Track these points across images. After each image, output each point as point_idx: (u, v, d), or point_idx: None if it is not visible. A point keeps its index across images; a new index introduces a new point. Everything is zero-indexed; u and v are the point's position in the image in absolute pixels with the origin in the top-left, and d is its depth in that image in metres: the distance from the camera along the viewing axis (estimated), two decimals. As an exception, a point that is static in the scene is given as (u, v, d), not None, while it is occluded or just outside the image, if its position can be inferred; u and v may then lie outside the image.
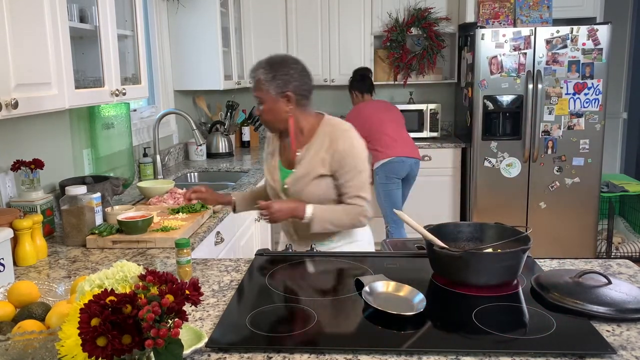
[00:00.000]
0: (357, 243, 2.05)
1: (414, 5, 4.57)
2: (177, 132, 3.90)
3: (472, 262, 1.43)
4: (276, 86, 1.87)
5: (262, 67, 1.88)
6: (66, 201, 1.92)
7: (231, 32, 4.15)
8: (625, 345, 1.15)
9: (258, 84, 1.89)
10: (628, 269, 1.62)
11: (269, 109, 1.90)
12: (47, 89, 1.70)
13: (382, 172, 3.83)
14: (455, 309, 1.36)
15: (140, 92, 2.43)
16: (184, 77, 3.83)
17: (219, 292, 1.49)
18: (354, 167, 1.90)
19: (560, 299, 1.32)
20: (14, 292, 1.22)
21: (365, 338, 1.20)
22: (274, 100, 1.88)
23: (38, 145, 2.22)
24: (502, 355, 1.11)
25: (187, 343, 1.12)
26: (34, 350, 1.02)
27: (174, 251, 1.63)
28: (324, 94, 5.04)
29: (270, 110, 1.90)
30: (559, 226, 4.20)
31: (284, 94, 1.88)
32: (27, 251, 1.75)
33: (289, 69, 1.88)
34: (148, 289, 0.88)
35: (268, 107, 1.90)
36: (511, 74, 4.04)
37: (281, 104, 1.89)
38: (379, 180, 3.86)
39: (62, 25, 1.78)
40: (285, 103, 1.89)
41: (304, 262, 1.72)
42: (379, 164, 3.83)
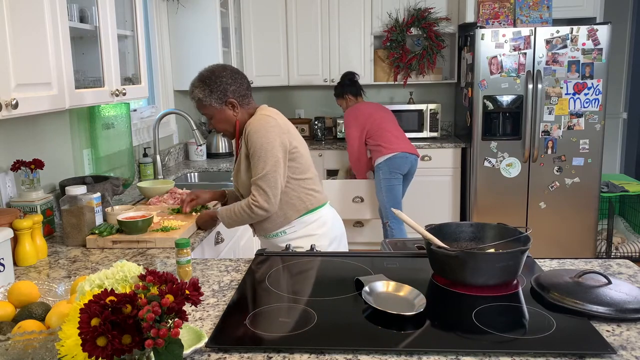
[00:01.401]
0: (315, 237, 2.08)
1: (414, 5, 4.57)
2: (177, 132, 3.90)
3: (469, 261, 1.43)
4: (217, 98, 1.98)
5: (196, 87, 1.99)
6: (66, 201, 1.92)
7: (231, 32, 4.15)
8: (625, 345, 1.15)
9: (200, 102, 2.00)
10: (628, 269, 1.62)
11: (219, 120, 2.02)
12: (47, 89, 1.70)
13: (386, 167, 3.84)
14: (455, 309, 1.36)
15: (140, 92, 2.44)
16: (184, 77, 3.83)
17: (219, 292, 1.49)
18: (254, 151, 1.95)
19: (560, 299, 1.32)
20: (14, 292, 1.22)
21: (365, 338, 1.20)
22: (220, 111, 2.00)
23: (38, 145, 2.22)
24: (502, 355, 1.11)
25: (187, 343, 1.12)
26: (34, 350, 1.02)
27: (174, 251, 1.63)
28: (324, 94, 5.04)
29: (221, 121, 2.02)
30: (559, 226, 4.20)
31: (227, 102, 1.99)
32: (27, 251, 1.75)
33: (220, 77, 1.97)
34: (148, 289, 0.88)
35: (218, 119, 2.02)
36: (511, 74, 4.04)
37: (228, 111, 2.01)
38: (382, 176, 3.86)
39: (62, 25, 1.78)
40: (231, 109, 2.00)
41: (304, 262, 1.72)
42: (383, 159, 3.84)
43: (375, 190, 3.94)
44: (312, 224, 2.07)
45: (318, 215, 2.08)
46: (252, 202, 1.94)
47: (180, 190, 2.50)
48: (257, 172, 1.93)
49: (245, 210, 1.97)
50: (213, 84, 1.97)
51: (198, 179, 3.66)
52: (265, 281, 1.54)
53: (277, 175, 1.93)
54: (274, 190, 1.93)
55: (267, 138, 1.93)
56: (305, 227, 2.06)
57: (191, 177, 3.64)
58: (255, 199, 1.94)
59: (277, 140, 1.94)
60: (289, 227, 2.05)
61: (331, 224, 2.13)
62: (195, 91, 1.99)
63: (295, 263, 1.70)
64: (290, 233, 2.06)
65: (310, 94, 5.08)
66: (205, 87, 1.97)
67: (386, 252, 2.01)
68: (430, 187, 4.42)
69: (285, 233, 2.06)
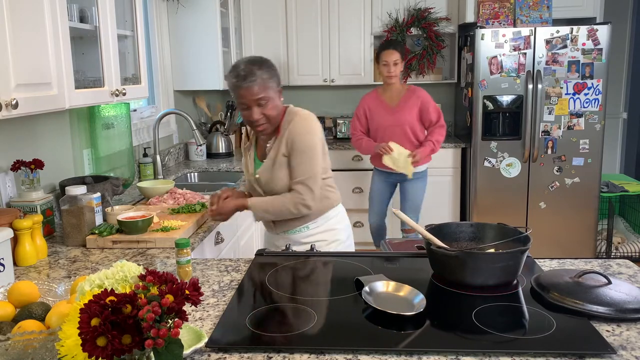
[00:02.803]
0: (335, 231, 2.10)
1: (413, 6, 4.57)
2: (177, 132, 3.90)
3: (468, 262, 1.43)
4: (276, 83, 1.94)
5: (257, 67, 1.89)
6: (66, 201, 1.92)
7: (231, 32, 4.15)
8: (625, 345, 1.15)
9: (263, 83, 1.89)
10: (628, 269, 1.62)
11: (274, 106, 1.94)
12: (47, 89, 1.70)
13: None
14: (455, 309, 1.36)
15: (140, 92, 2.44)
16: (184, 77, 3.83)
17: (219, 292, 1.49)
18: (302, 151, 1.94)
19: (560, 299, 1.32)
20: (14, 292, 1.22)
21: (365, 338, 1.20)
22: (276, 97, 1.95)
23: (38, 145, 2.22)
24: (502, 355, 1.11)
25: (187, 343, 1.12)
26: (34, 350, 1.02)
27: (174, 251, 1.63)
28: (324, 94, 5.04)
29: (274, 107, 1.95)
30: (559, 226, 4.20)
31: (279, 89, 1.97)
32: (27, 251, 1.75)
33: (272, 65, 1.96)
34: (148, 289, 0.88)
35: (273, 105, 1.94)
36: (511, 74, 4.04)
37: (279, 99, 1.97)
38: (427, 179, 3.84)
39: (62, 25, 1.78)
40: (280, 97, 1.98)
41: (303, 262, 1.72)
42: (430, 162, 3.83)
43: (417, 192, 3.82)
44: (333, 219, 2.11)
45: (338, 210, 2.14)
46: (300, 201, 1.94)
47: (180, 190, 2.50)
48: (306, 172, 1.94)
49: (287, 207, 1.95)
50: (272, 67, 1.93)
51: (198, 179, 3.66)
52: (265, 281, 1.54)
53: (320, 176, 1.99)
54: (318, 191, 1.98)
55: (317, 139, 1.98)
56: (327, 222, 2.09)
57: (191, 177, 3.64)
58: (303, 198, 1.94)
59: (321, 141, 2.01)
60: (313, 222, 2.07)
61: (347, 220, 2.21)
62: (258, 71, 1.88)
63: (295, 263, 1.70)
64: (313, 228, 2.07)
65: (310, 94, 5.08)
66: (267, 69, 1.91)
67: (386, 252, 2.01)
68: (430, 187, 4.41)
69: (308, 228, 2.07)
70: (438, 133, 3.59)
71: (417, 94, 3.58)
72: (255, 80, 1.87)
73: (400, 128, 3.57)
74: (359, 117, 3.67)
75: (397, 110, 3.57)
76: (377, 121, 3.60)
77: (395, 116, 3.57)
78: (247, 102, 1.90)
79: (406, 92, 3.60)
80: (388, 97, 3.62)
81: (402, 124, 3.56)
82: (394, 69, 3.52)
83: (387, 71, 3.54)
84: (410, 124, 3.57)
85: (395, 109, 3.57)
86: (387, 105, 3.60)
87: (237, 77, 1.88)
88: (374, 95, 3.66)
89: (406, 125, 3.56)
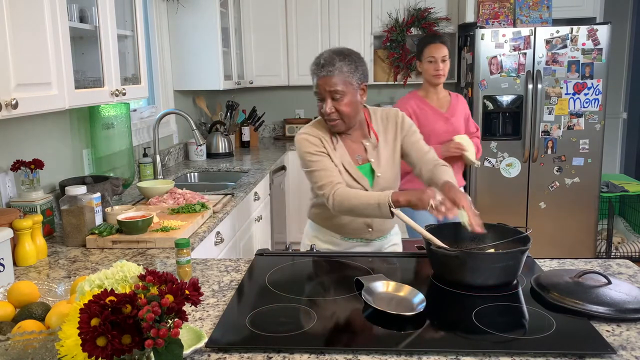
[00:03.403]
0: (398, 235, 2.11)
1: (413, 5, 4.57)
2: (177, 132, 3.90)
3: (468, 262, 1.43)
4: (358, 78, 1.83)
5: (341, 59, 1.80)
6: (66, 201, 1.92)
7: (231, 32, 4.15)
8: (625, 345, 1.15)
9: (342, 75, 1.79)
10: (628, 269, 1.62)
11: (349, 102, 1.82)
12: (47, 89, 1.70)
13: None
14: (455, 309, 1.36)
15: (140, 92, 2.44)
16: (184, 77, 3.83)
17: (219, 292, 1.49)
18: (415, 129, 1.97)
19: (560, 299, 1.32)
20: (14, 292, 1.22)
21: (365, 338, 1.20)
22: (354, 92, 1.84)
23: (38, 145, 2.22)
24: (502, 355, 1.11)
25: (187, 343, 1.12)
26: (34, 350, 1.02)
27: (174, 251, 1.63)
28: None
29: (350, 104, 1.83)
30: (559, 226, 4.20)
31: (362, 86, 1.85)
32: (27, 251, 1.75)
33: (362, 60, 1.86)
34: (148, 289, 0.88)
35: (349, 101, 1.82)
36: (511, 74, 4.04)
37: (358, 95, 1.85)
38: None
39: (62, 25, 1.78)
40: (361, 95, 1.87)
41: (303, 262, 1.72)
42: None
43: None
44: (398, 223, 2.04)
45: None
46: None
47: (180, 190, 2.50)
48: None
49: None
50: (359, 62, 1.83)
51: (198, 179, 3.66)
52: (265, 281, 1.54)
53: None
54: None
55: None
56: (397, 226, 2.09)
57: (191, 177, 3.64)
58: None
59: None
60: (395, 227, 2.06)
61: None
62: (340, 63, 1.78)
63: (295, 263, 1.70)
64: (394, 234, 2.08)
65: (310, 94, 5.04)
66: (352, 63, 1.80)
67: (386, 252, 2.01)
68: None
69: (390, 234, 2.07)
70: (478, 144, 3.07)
71: (461, 101, 3.02)
72: (333, 71, 1.78)
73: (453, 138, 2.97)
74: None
75: (450, 116, 2.93)
76: (429, 127, 2.86)
77: (449, 123, 2.92)
78: (321, 92, 1.81)
79: (451, 97, 3.00)
80: (435, 102, 2.95)
81: (457, 132, 2.94)
82: (442, 66, 2.86)
83: (435, 69, 2.86)
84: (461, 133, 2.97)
85: (446, 115, 2.92)
86: (436, 110, 2.92)
87: (317, 65, 1.80)
88: (417, 98, 2.96)
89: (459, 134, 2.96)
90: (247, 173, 3.43)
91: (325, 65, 1.78)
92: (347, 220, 1.95)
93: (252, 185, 3.04)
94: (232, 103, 4.35)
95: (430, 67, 2.87)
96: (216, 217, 2.30)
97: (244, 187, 2.96)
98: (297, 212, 4.55)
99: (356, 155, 1.93)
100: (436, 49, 2.86)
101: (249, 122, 4.64)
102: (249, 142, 4.64)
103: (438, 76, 2.86)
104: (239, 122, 4.57)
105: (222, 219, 2.33)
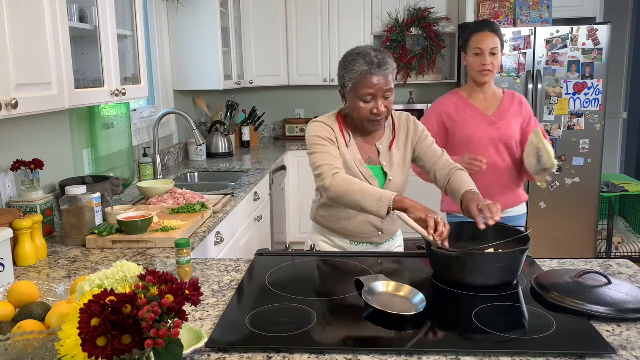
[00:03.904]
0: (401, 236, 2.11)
1: (414, 5, 4.57)
2: (177, 132, 3.90)
3: (469, 262, 1.43)
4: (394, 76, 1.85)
5: (389, 57, 1.79)
6: (66, 201, 1.92)
7: (231, 32, 4.15)
8: (625, 345, 1.15)
9: (393, 75, 1.80)
10: (628, 269, 1.62)
11: (392, 100, 1.84)
12: (47, 89, 1.70)
13: None
14: (455, 309, 1.36)
15: (140, 92, 2.44)
16: (184, 77, 3.83)
17: (219, 292, 1.49)
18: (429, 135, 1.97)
19: (560, 299, 1.32)
20: (14, 292, 1.22)
21: (365, 338, 1.20)
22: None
23: (38, 145, 2.22)
24: (502, 355, 1.11)
25: (187, 343, 1.12)
26: (34, 350, 1.01)
27: (174, 251, 1.63)
28: (324, 93, 5.04)
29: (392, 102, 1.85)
30: (559, 226, 4.20)
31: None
32: (27, 251, 1.75)
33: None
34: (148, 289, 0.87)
35: (393, 99, 1.84)
36: (511, 74, 4.04)
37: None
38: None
39: (62, 25, 1.78)
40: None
41: (303, 262, 1.72)
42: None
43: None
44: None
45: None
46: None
47: (180, 190, 2.50)
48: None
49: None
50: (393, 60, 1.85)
51: (198, 179, 3.66)
52: (265, 281, 1.54)
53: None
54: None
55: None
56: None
57: (191, 177, 3.64)
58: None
59: None
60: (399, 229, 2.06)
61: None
62: (390, 61, 1.79)
63: (295, 263, 1.70)
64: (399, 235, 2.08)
65: (310, 94, 5.08)
66: (394, 61, 1.83)
67: (386, 252, 2.01)
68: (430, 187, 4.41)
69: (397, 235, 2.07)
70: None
71: (518, 100, 2.47)
72: (388, 69, 1.77)
73: (505, 145, 2.40)
74: (432, 126, 2.37)
75: (497, 120, 2.40)
76: (467, 133, 2.40)
77: (495, 127, 2.39)
78: (375, 92, 1.76)
79: (505, 96, 2.47)
80: (481, 102, 2.44)
81: (507, 139, 2.38)
82: (490, 60, 2.33)
83: (482, 62, 2.33)
84: (517, 140, 2.42)
85: (493, 118, 2.40)
86: (480, 112, 2.42)
87: (371, 64, 1.75)
88: (457, 98, 2.49)
89: (512, 141, 2.40)
90: (247, 173, 3.43)
91: (381, 64, 1.75)
92: (357, 223, 1.92)
93: (252, 185, 3.04)
94: (232, 103, 4.34)
95: (476, 60, 2.35)
96: (216, 217, 2.30)
97: (244, 187, 2.96)
98: (297, 212, 4.55)
99: (367, 157, 1.92)
100: (484, 39, 2.33)
101: (249, 122, 4.64)
102: (249, 142, 4.64)
103: (484, 73, 2.35)
104: (239, 122, 4.57)
105: (222, 219, 2.33)
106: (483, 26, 2.37)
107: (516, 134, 2.41)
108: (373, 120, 1.81)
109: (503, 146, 2.39)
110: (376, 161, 1.92)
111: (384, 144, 1.93)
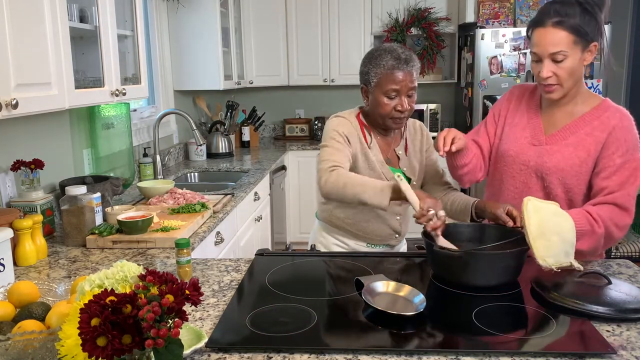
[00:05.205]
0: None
1: (414, 5, 4.57)
2: (177, 132, 3.90)
3: (471, 262, 1.43)
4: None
5: (414, 55, 1.78)
6: (66, 201, 1.92)
7: (231, 32, 4.15)
8: (625, 345, 1.15)
9: (418, 73, 1.80)
10: (628, 269, 1.62)
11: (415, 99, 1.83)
12: (47, 89, 1.70)
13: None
14: (455, 309, 1.36)
15: (140, 92, 2.44)
16: (184, 77, 3.83)
17: (219, 292, 1.49)
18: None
19: (561, 299, 1.32)
20: (14, 292, 1.22)
21: (365, 338, 1.20)
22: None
23: (38, 145, 2.22)
24: (502, 355, 1.11)
25: (187, 343, 1.12)
26: (34, 350, 1.01)
27: (174, 251, 1.63)
28: (324, 93, 5.04)
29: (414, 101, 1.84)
30: (559, 226, 4.18)
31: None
32: (27, 251, 1.75)
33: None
34: (148, 289, 0.87)
35: (415, 98, 1.83)
36: (511, 74, 4.04)
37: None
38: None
39: (62, 25, 1.78)
40: None
41: (304, 262, 1.72)
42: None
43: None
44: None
45: None
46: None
47: (180, 190, 2.50)
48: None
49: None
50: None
51: (198, 179, 3.66)
52: (265, 281, 1.54)
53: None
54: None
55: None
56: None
57: (191, 177, 3.64)
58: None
59: None
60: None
61: None
62: (416, 58, 1.79)
63: (295, 263, 1.70)
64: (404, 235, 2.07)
65: (310, 94, 5.08)
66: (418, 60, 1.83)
67: (386, 252, 2.01)
68: (430, 187, 4.42)
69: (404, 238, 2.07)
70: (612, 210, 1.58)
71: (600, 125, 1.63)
72: (414, 66, 1.77)
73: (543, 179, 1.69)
74: (487, 123, 1.86)
75: (550, 143, 1.69)
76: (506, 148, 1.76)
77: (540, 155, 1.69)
78: (400, 88, 1.74)
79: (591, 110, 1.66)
80: (547, 117, 1.73)
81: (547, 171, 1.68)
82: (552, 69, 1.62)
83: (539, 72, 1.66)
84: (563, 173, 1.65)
85: (548, 139, 1.69)
86: (534, 126, 1.74)
87: (398, 60, 1.73)
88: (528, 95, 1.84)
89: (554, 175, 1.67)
90: (247, 173, 3.43)
91: (408, 60, 1.75)
92: (375, 226, 1.92)
93: (252, 185, 3.04)
94: (232, 103, 4.35)
95: (534, 68, 1.69)
96: (216, 217, 2.30)
97: (244, 187, 2.96)
98: (297, 212, 4.55)
99: (386, 157, 1.91)
100: (544, 36, 1.59)
101: (249, 122, 4.64)
102: (249, 142, 4.64)
103: (546, 89, 1.66)
104: (239, 122, 4.57)
105: (222, 219, 2.33)
106: (545, 15, 1.59)
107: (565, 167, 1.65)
108: (396, 117, 1.79)
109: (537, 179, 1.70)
110: (395, 165, 1.92)
111: (402, 150, 1.94)
